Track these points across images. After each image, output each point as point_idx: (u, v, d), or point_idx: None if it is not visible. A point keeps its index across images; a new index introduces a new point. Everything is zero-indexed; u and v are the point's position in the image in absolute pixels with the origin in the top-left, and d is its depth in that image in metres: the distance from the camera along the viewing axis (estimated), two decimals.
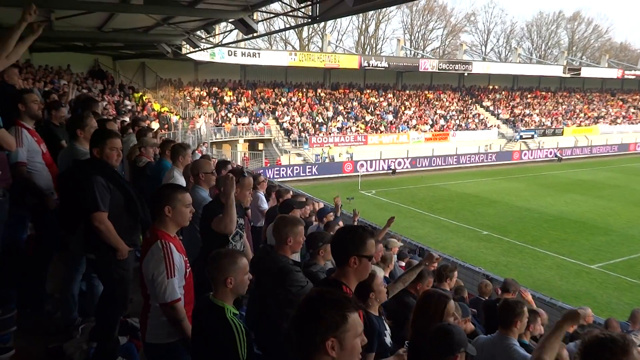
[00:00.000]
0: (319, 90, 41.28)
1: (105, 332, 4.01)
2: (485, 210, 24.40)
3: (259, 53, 36.13)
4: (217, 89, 36.80)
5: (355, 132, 38.10)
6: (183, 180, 5.47)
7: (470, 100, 47.35)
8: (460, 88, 48.23)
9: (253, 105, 36.91)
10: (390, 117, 41.02)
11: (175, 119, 28.29)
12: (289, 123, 36.47)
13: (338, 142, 36.35)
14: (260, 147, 34.42)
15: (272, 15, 17.23)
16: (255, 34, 15.58)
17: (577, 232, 20.74)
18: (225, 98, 36.38)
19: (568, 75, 49.34)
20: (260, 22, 16.08)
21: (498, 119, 46.00)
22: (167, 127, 26.22)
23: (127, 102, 25.54)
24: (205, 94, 35.84)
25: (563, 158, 42.15)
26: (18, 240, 4.68)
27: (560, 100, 51.89)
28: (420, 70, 41.93)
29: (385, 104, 42.51)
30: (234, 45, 31.92)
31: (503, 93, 50.01)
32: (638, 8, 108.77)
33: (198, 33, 18.07)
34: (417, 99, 44.67)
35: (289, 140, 35.32)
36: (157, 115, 27.15)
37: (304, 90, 40.53)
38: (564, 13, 77.07)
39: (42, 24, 4.35)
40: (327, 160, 34.44)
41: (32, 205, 4.51)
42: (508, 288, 6.25)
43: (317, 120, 37.79)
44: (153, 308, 3.10)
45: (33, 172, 4.50)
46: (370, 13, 59.24)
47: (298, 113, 37.95)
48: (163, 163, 6.22)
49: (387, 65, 40.18)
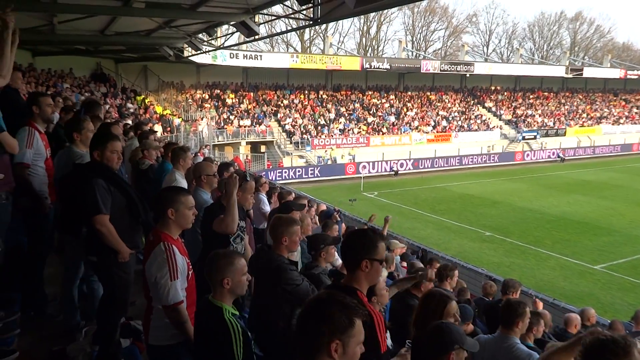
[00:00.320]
0: (321, 92, 41.31)
1: (106, 335, 4.02)
2: (488, 211, 24.35)
3: (261, 55, 36.19)
4: (219, 92, 36.87)
5: (358, 133, 38.12)
6: (184, 183, 5.47)
7: (473, 101, 47.31)
8: (462, 89, 48.20)
9: (255, 108, 36.97)
10: (393, 118, 41.02)
11: (178, 122, 28.35)
12: (291, 125, 36.50)
13: (340, 143, 36.36)
14: (263, 149, 34.46)
15: (273, 18, 17.28)
16: (257, 37, 15.62)
17: (580, 232, 20.68)
18: (228, 100, 36.45)
19: (570, 76, 49.26)
20: (262, 24, 16.12)
21: (500, 120, 45.94)
22: (169, 130, 26.29)
23: (129, 105, 25.62)
24: (208, 97, 35.91)
25: (566, 158, 42.04)
26: (20, 243, 4.69)
27: (563, 101, 51.80)
28: (422, 72, 41.92)
29: (387, 106, 42.51)
30: (236, 48, 31.94)
31: (505, 94, 49.95)
32: None
33: (200, 36, 18.13)
34: (419, 100, 44.66)
35: (291, 142, 35.34)
36: (159, 118, 27.22)
37: (306, 92, 40.56)
38: (566, 13, 77.15)
39: (17, 32, 4.24)
40: (329, 162, 34.44)
41: (24, 208, 4.49)
42: (508, 289, 6.24)
43: (319, 122, 37.82)
44: (156, 310, 3.11)
45: (33, 175, 4.51)
46: (372, 15, 59.31)
47: (300, 115, 37.98)
48: (165, 165, 6.24)
49: (389, 67, 40.20)
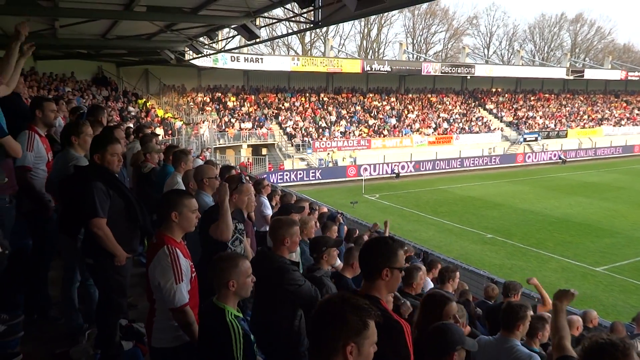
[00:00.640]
0: (322, 95, 41.36)
1: (106, 338, 4.04)
2: (489, 213, 24.35)
3: (262, 58, 36.24)
4: (220, 95, 36.93)
5: (359, 136, 38.14)
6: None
7: (474, 103, 47.33)
8: (463, 91, 48.22)
9: (256, 111, 37.02)
10: (394, 120, 41.05)
11: (179, 125, 28.40)
12: (292, 128, 36.54)
13: (341, 146, 36.38)
14: (264, 152, 34.50)
15: (274, 21, 17.33)
16: (258, 40, 15.66)
17: (582, 234, 20.67)
18: (229, 103, 36.51)
19: (571, 77, 49.27)
20: (263, 27, 16.16)
21: (501, 122, 45.94)
22: (170, 133, 26.34)
23: (131, 108, 25.70)
24: (209, 100, 35.97)
25: (567, 160, 42.01)
26: (24, 247, 4.71)
27: (564, 102, 51.79)
28: (423, 74, 41.96)
29: (388, 108, 42.54)
30: (237, 51, 32.05)
31: (506, 96, 49.96)
32: None
33: (201, 39, 18.18)
34: (420, 103, 44.69)
35: (293, 145, 35.38)
36: (160, 122, 27.28)
37: (307, 95, 40.62)
38: (567, 15, 76.80)
39: (31, 47, 4.39)
40: (330, 165, 34.46)
41: (28, 211, 4.51)
42: (509, 292, 6.25)
43: (320, 125, 37.86)
44: (159, 312, 3.11)
45: (35, 178, 4.53)
46: (373, 17, 59.45)
47: (301, 118, 38.03)
48: (167, 169, 6.25)
49: (389, 69, 40.25)
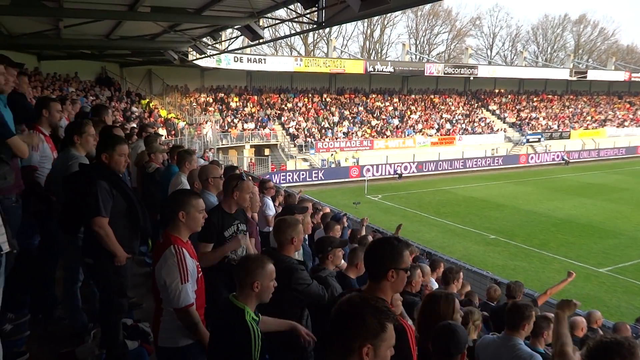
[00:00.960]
0: (325, 96, 41.36)
1: (109, 338, 4.05)
2: (492, 214, 24.32)
3: (265, 59, 36.27)
4: (223, 95, 36.96)
5: (361, 136, 38.13)
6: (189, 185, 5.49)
7: (476, 104, 47.27)
8: (466, 92, 48.17)
9: (259, 111, 37.04)
10: (396, 121, 41.03)
11: (182, 125, 28.44)
12: (295, 128, 36.54)
13: (344, 147, 36.37)
14: (267, 152, 34.52)
15: (278, 22, 17.32)
16: (262, 40, 15.68)
17: (585, 235, 20.62)
18: (232, 104, 36.53)
19: (574, 78, 49.17)
20: (266, 28, 16.18)
21: (504, 123, 45.87)
22: (173, 133, 26.38)
23: (134, 108, 25.74)
24: (212, 100, 36.00)
25: (570, 161, 41.94)
26: (30, 246, 4.73)
27: (567, 103, 51.68)
28: (426, 75, 41.89)
29: (391, 109, 42.52)
30: (240, 52, 32.11)
31: (509, 96, 49.88)
32: None
33: (204, 40, 18.20)
34: (422, 103, 44.66)
35: (295, 146, 35.39)
36: (164, 122, 27.31)
37: (310, 96, 40.62)
38: (570, 16, 76.72)
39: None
40: (333, 165, 34.46)
41: (35, 211, 4.53)
42: (515, 293, 6.25)
43: (323, 125, 37.86)
44: (166, 312, 3.11)
45: (41, 177, 4.55)
46: (375, 18, 59.42)
47: (304, 118, 38.03)
48: (172, 169, 6.27)
49: (392, 70, 40.21)
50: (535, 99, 50.76)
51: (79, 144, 4.60)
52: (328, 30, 53.53)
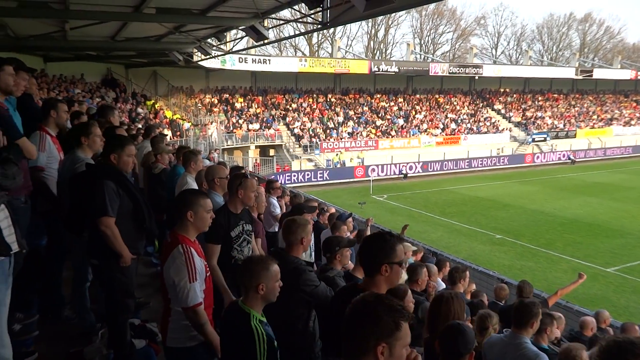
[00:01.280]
0: (329, 96, 41.36)
1: (116, 337, 4.06)
2: (498, 214, 24.22)
3: (269, 60, 36.30)
4: (228, 96, 37.04)
5: (366, 136, 38.10)
6: (195, 186, 5.50)
7: (482, 104, 47.13)
8: (471, 91, 48.03)
9: (264, 112, 37.09)
10: (401, 121, 40.97)
11: (187, 126, 28.52)
12: (300, 129, 36.57)
13: (349, 147, 36.35)
14: (272, 153, 34.55)
15: (282, 22, 17.33)
16: (266, 41, 15.70)
17: (592, 235, 20.50)
18: (236, 105, 36.61)
19: (580, 77, 48.92)
20: (271, 29, 16.20)
21: (510, 122, 45.71)
22: (179, 134, 26.45)
23: (139, 110, 25.82)
24: (217, 101, 36.10)
25: (576, 160, 41.72)
26: (37, 246, 4.75)
27: (573, 102, 51.45)
28: (431, 74, 41.81)
29: (396, 109, 42.47)
30: (245, 52, 32.17)
31: (514, 96, 49.71)
32: None
33: (209, 40, 18.24)
34: (427, 103, 44.57)
35: (300, 146, 35.41)
36: (169, 123, 27.40)
37: (315, 96, 40.64)
38: (575, 15, 76.25)
39: None
40: (338, 166, 34.45)
41: (43, 212, 4.54)
42: (526, 293, 6.22)
43: (327, 126, 37.86)
44: (174, 312, 3.12)
45: (48, 177, 4.56)
46: (380, 18, 59.40)
47: (309, 119, 38.05)
48: (177, 169, 6.28)
49: (397, 70, 40.16)
50: (541, 98, 50.55)
51: (86, 145, 4.61)
52: (332, 31, 53.56)
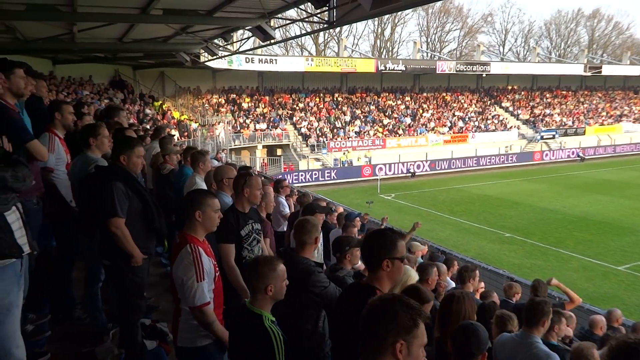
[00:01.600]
0: (336, 95, 41.34)
1: (128, 337, 4.08)
2: (507, 212, 24.10)
3: (276, 59, 36.35)
4: (235, 96, 37.14)
5: (374, 135, 38.04)
6: (204, 186, 5.50)
7: (489, 101, 46.89)
8: (479, 89, 47.81)
9: (271, 111, 37.15)
10: (408, 120, 40.86)
11: (195, 127, 28.61)
12: (307, 128, 36.59)
13: (356, 146, 36.33)
14: (279, 152, 34.60)
15: (288, 22, 17.33)
16: (273, 41, 15.71)
17: (602, 233, 20.34)
18: (243, 105, 36.69)
19: (589, 74, 48.54)
20: (277, 28, 16.21)
21: (518, 120, 45.45)
22: (186, 134, 26.54)
23: (147, 111, 25.94)
24: (224, 101, 36.20)
25: (586, 158, 41.42)
26: (48, 247, 4.78)
27: (582, 99, 51.05)
28: (438, 72, 41.70)
29: (403, 107, 42.36)
30: (251, 52, 32.20)
31: (522, 93, 49.41)
32: None
33: (216, 41, 18.28)
34: (435, 101, 44.42)
35: (307, 146, 35.41)
36: (177, 124, 27.50)
37: (321, 95, 40.63)
38: (583, 11, 75.96)
39: None
40: (345, 165, 34.42)
41: (50, 213, 4.57)
42: (541, 292, 6.18)
43: (334, 125, 37.84)
44: (184, 312, 3.12)
45: (56, 179, 4.60)
46: (386, 16, 59.22)
47: (316, 118, 38.06)
48: (184, 170, 6.29)
49: (404, 68, 40.07)
50: (549, 95, 50.21)
51: (95, 146, 4.65)
52: (339, 30, 53.57)
